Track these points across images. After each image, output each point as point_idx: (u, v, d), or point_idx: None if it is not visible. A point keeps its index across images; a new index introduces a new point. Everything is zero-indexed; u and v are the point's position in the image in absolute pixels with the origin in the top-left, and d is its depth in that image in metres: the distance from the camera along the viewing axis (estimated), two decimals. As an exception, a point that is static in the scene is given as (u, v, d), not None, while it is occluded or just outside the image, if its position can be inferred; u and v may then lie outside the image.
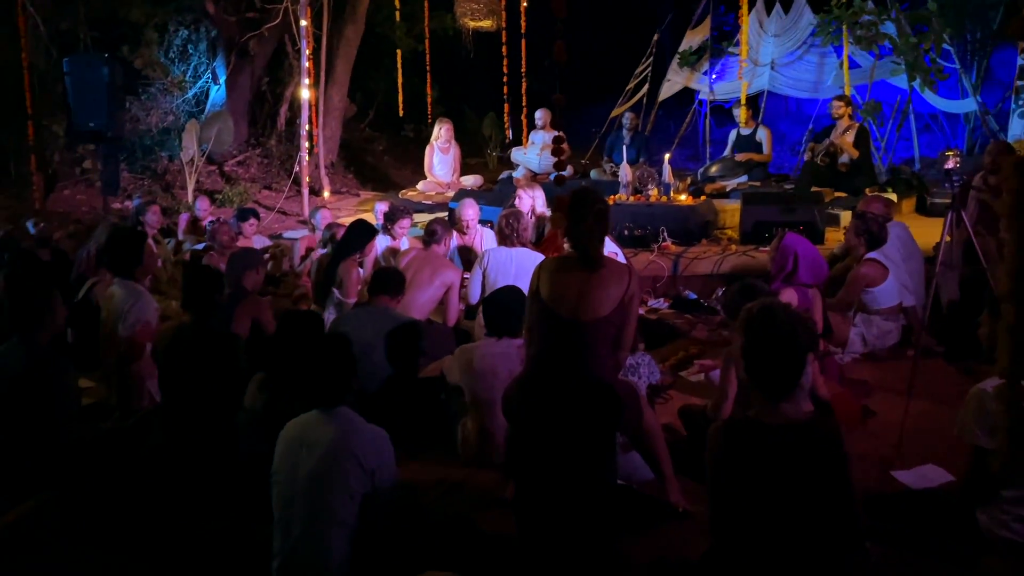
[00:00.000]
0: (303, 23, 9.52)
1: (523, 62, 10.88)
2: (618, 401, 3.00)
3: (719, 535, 2.49)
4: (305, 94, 9.79)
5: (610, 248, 5.41)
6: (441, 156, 10.03)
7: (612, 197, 7.83)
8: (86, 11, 10.65)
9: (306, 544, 2.77)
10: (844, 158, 8.17)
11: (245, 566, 3.19)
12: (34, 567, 2.90)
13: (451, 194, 9.54)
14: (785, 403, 2.29)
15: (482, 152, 14.36)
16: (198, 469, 3.59)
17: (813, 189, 7.83)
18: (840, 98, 8.52)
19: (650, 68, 12.16)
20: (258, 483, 3.23)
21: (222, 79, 11.90)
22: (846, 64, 9.65)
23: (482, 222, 6.80)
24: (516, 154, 10.11)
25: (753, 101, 10.17)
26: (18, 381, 3.54)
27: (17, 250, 5.81)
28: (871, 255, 5.12)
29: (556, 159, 3.97)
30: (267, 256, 7.06)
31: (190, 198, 8.99)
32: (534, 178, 9.34)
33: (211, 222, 6.86)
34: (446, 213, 8.86)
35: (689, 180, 8.47)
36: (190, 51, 12.16)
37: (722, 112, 12.11)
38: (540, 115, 9.97)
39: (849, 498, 2.25)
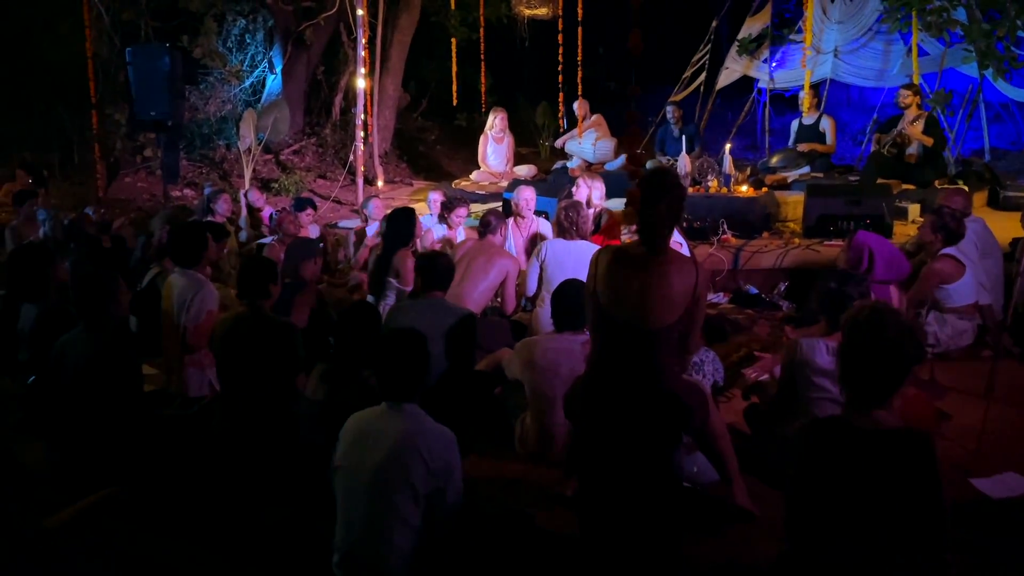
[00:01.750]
0: (360, 12, 9.52)
1: (579, 51, 10.72)
2: (685, 410, 2.89)
3: (795, 538, 2.39)
4: (361, 83, 9.80)
5: (675, 239, 5.30)
6: (495, 145, 9.96)
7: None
8: (148, 1, 10.80)
9: (368, 541, 2.74)
10: (912, 149, 7.89)
11: (304, 558, 3.20)
12: (101, 556, 2.91)
13: (504, 184, 9.47)
14: (880, 409, 2.17)
15: (534, 142, 14.26)
16: (258, 459, 3.59)
17: (879, 181, 7.58)
18: (908, 87, 8.23)
19: (707, 56, 11.91)
20: (317, 474, 3.23)
21: (278, 68, 12.00)
22: (915, 51, 9.31)
23: (536, 212, 6.74)
24: (570, 144, 10.00)
25: (815, 90, 9.88)
26: (84, 368, 3.58)
27: (83, 237, 5.91)
28: (947, 251, 4.92)
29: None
30: (321, 246, 7.09)
31: (246, 186, 9.07)
32: (589, 168, 9.23)
33: (277, 212, 6.89)
34: (500, 203, 8.82)
35: (749, 171, 8.27)
36: (247, 41, 12.28)
37: (782, 101, 11.82)
38: (576, 106, 9.84)
39: (939, 510, 2.14)
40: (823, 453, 2.22)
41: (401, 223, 5.80)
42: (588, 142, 9.67)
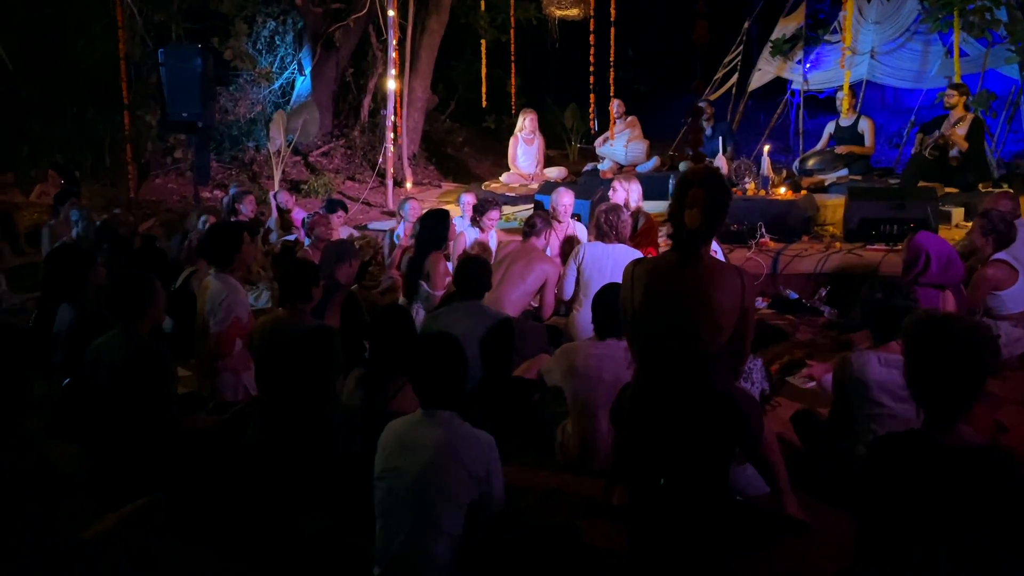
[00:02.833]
0: (390, 13, 9.48)
1: (612, 51, 10.61)
2: (741, 420, 2.78)
3: (865, 557, 2.27)
4: (391, 85, 9.75)
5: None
6: (525, 147, 9.88)
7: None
8: (179, 2, 10.84)
9: (409, 552, 2.65)
10: (955, 151, 7.70)
11: (343, 568, 3.12)
12: (140, 565, 2.86)
13: (535, 186, 9.39)
14: (962, 423, 2.05)
15: (563, 144, 14.17)
16: (296, 465, 3.52)
17: (921, 184, 7.40)
18: (954, 87, 8.03)
19: (739, 57, 11.76)
20: (354, 481, 3.15)
21: (308, 70, 12.00)
22: (957, 52, 9.10)
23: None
24: (602, 146, 9.89)
25: (852, 91, 9.70)
26: (120, 371, 3.53)
27: (116, 239, 5.89)
28: (998, 256, 4.77)
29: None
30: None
31: (276, 188, 9.06)
32: (620, 170, 9.12)
33: (309, 216, 6.85)
34: (531, 205, 8.73)
35: (784, 173, 8.12)
36: (277, 42, 12.29)
37: (815, 103, 11.64)
38: (616, 106, 9.72)
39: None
40: (900, 469, 2.10)
41: (434, 225, 5.73)
42: (620, 144, 9.56)
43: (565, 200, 6.39)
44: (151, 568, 2.87)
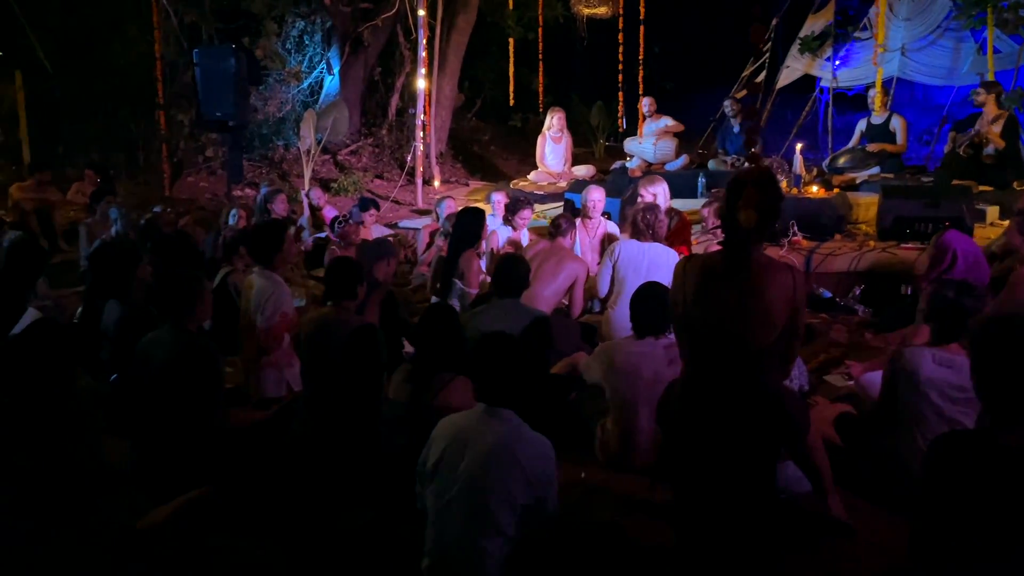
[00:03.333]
0: (420, 13, 9.53)
1: (641, 49, 10.60)
2: (789, 419, 2.79)
3: (919, 557, 2.27)
4: (421, 84, 9.81)
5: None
6: (553, 146, 9.90)
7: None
8: (211, 3, 10.96)
9: (461, 549, 2.68)
10: (989, 149, 7.63)
11: (388, 562, 3.17)
12: (190, 558, 2.92)
13: (563, 184, 9.41)
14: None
15: (589, 142, 14.17)
16: (341, 460, 3.58)
17: (955, 182, 7.34)
18: (983, 85, 7.97)
19: (767, 55, 11.70)
20: (399, 477, 3.20)
21: (336, 69, 12.09)
22: (991, 49, 9.02)
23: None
24: (630, 144, 9.89)
25: (883, 88, 9.62)
26: (170, 367, 3.59)
27: (159, 237, 5.98)
28: (1039, 255, 4.73)
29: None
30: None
31: (306, 186, 9.14)
32: (649, 168, 9.11)
33: (339, 221, 6.92)
34: (560, 203, 8.75)
35: (815, 171, 8.08)
36: (306, 42, 12.40)
37: (844, 100, 11.56)
38: (647, 103, 9.71)
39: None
40: (961, 469, 2.10)
41: (468, 223, 5.77)
42: (648, 142, 9.55)
43: (595, 196, 6.42)
44: (202, 558, 2.93)
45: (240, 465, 3.60)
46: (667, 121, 9.54)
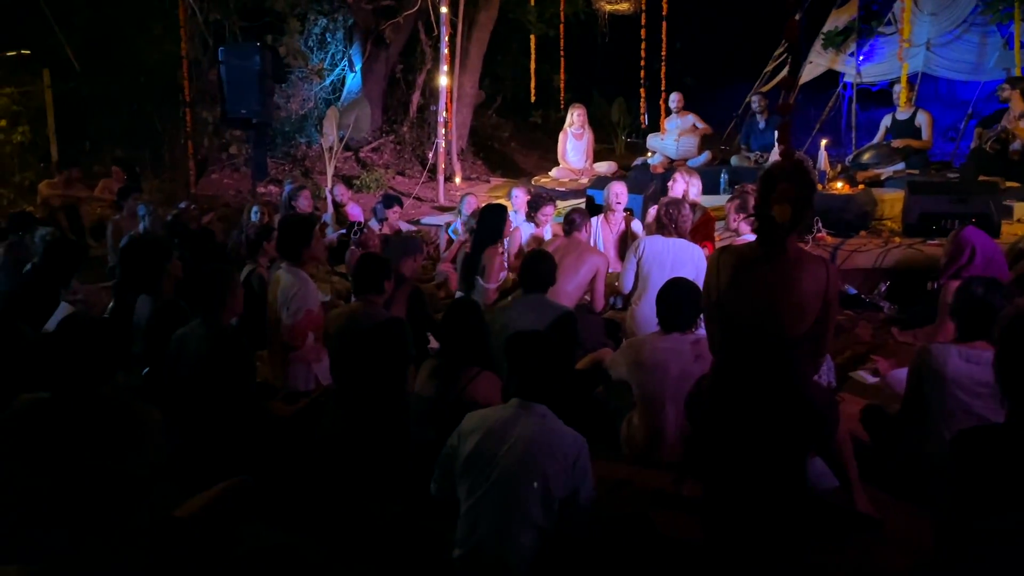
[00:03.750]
0: (443, 10, 9.56)
1: (663, 45, 10.58)
2: (819, 415, 2.80)
3: (945, 553, 2.28)
4: (443, 81, 9.84)
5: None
6: (575, 142, 9.91)
7: (759, 185, 7.53)
8: (235, 1, 11.05)
9: (494, 541, 2.71)
10: (1016, 145, 7.56)
11: (417, 553, 3.20)
12: (224, 545, 2.97)
13: (585, 180, 9.42)
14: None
15: (609, 138, 14.16)
16: (371, 452, 3.62)
17: (981, 178, 7.28)
18: (1011, 80, 7.89)
19: (791, 50, 11.61)
20: (429, 468, 3.23)
21: (358, 66, 12.15)
22: (1017, 44, 8.93)
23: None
24: (652, 140, 9.89)
25: (908, 84, 9.55)
26: (203, 360, 3.65)
27: (186, 232, 6.05)
28: (1068, 251, 4.70)
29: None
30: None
31: (329, 183, 9.21)
32: (671, 165, 9.10)
33: (356, 230, 6.98)
34: (582, 200, 8.76)
35: (839, 167, 8.04)
36: (328, 39, 12.47)
37: (867, 96, 11.47)
38: (675, 99, 9.70)
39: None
40: (985, 464, 2.11)
41: (491, 219, 5.80)
42: (671, 138, 9.54)
43: (617, 190, 6.43)
44: (236, 545, 2.98)
45: (272, 456, 3.65)
46: (693, 119, 9.53)
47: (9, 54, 10.30)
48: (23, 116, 10.51)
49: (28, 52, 10.43)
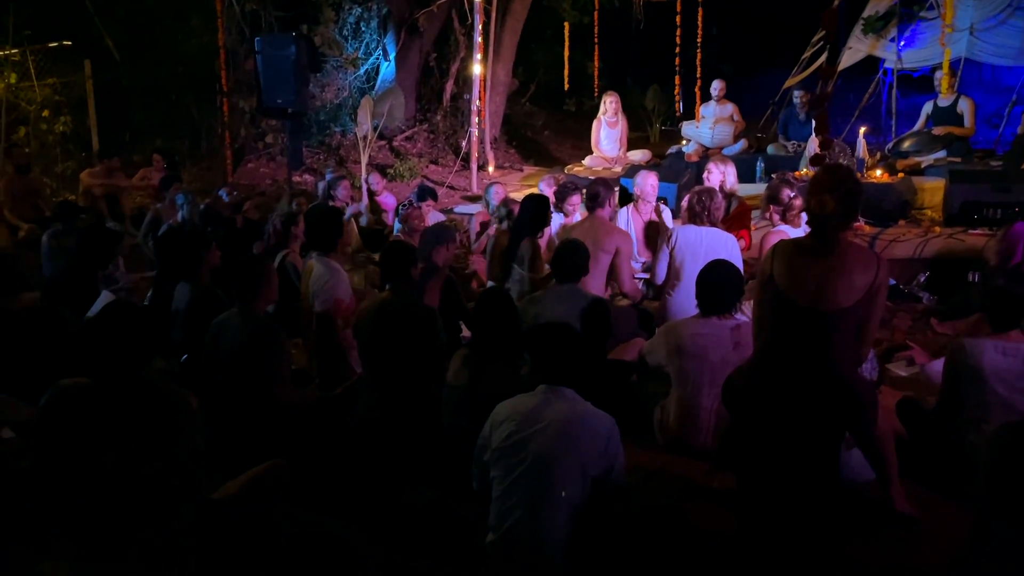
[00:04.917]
0: (477, -1, 9.54)
1: (699, 32, 10.45)
2: (856, 402, 2.78)
3: (982, 548, 2.25)
4: (476, 69, 9.83)
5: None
6: (608, 130, 9.85)
7: (797, 173, 7.44)
8: (270, -10, 11.15)
9: (529, 525, 2.73)
10: (1063, 132, 7.37)
11: (450, 539, 3.23)
12: (261, 527, 3.02)
13: (618, 169, 9.35)
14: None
15: (644, 126, 14.04)
16: (403, 441, 3.66)
17: (1025, 166, 7.12)
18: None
19: (829, 38, 11.41)
20: (460, 457, 3.26)
21: (392, 55, 12.18)
22: (1064, 28, 8.68)
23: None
24: (687, 128, 9.79)
25: (951, 70, 9.34)
26: (241, 347, 3.71)
27: (220, 220, 6.13)
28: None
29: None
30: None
31: (363, 173, 9.27)
32: (706, 153, 9.01)
33: (403, 205, 6.98)
34: (616, 189, 8.70)
35: (879, 155, 7.90)
36: (362, 28, 12.52)
37: (908, 82, 11.23)
38: (717, 86, 9.59)
39: None
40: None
41: (532, 210, 5.76)
42: (706, 125, 9.44)
43: (651, 181, 6.36)
44: (272, 528, 3.02)
45: (308, 442, 3.70)
46: (732, 109, 9.42)
47: (51, 45, 10.48)
48: (65, 107, 10.70)
49: (70, 43, 10.60)
